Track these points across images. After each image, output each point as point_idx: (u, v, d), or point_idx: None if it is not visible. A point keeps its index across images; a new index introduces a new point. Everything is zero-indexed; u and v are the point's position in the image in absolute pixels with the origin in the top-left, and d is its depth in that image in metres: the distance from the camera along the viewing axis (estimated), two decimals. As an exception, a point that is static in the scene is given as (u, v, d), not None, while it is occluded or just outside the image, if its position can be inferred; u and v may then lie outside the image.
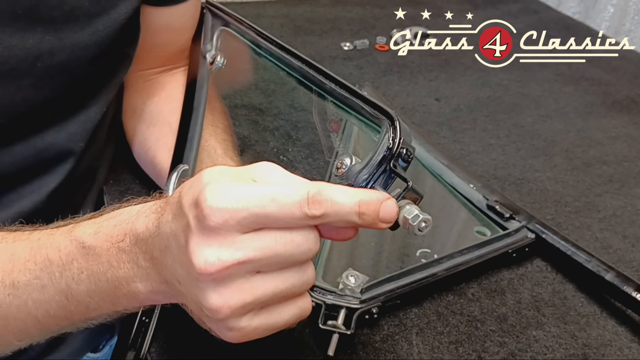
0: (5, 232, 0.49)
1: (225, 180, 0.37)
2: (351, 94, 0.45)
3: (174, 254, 0.38)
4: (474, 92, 1.07)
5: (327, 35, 1.24)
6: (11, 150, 0.58)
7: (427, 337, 0.58)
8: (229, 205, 0.36)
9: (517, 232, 0.68)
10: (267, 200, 0.36)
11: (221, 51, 0.65)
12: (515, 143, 0.92)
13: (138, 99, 0.72)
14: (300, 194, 0.36)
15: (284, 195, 0.36)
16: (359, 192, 0.38)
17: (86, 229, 0.44)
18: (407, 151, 0.38)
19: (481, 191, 0.75)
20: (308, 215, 0.36)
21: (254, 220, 0.36)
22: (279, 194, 0.36)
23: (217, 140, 0.65)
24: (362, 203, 0.37)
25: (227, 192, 0.36)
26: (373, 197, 0.38)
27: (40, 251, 0.45)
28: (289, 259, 0.38)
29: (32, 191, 0.61)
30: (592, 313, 0.63)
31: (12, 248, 0.46)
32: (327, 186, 0.37)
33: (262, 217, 0.36)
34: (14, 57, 0.52)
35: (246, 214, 0.36)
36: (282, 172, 0.39)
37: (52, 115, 0.59)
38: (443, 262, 0.63)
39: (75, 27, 0.55)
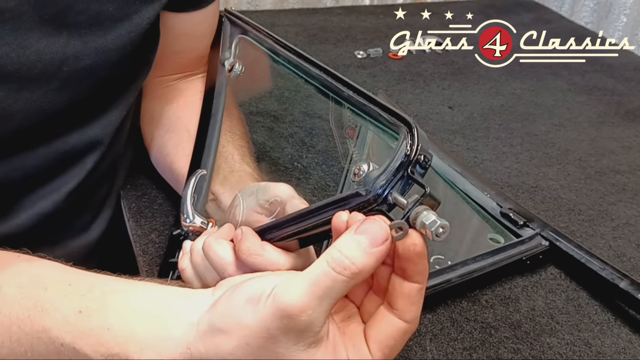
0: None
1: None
2: (369, 101, 0.45)
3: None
4: (487, 100, 1.07)
5: (341, 43, 1.25)
6: (35, 152, 0.59)
7: (440, 343, 0.58)
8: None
9: (531, 240, 0.69)
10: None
11: (239, 59, 0.66)
12: (529, 151, 0.92)
13: (156, 105, 0.73)
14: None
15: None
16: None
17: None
18: (425, 158, 0.38)
19: (495, 199, 0.75)
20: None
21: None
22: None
23: (235, 147, 0.66)
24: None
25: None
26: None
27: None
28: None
29: (52, 192, 0.63)
30: (606, 321, 0.63)
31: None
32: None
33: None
34: (41, 62, 0.53)
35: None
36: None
37: (75, 118, 0.60)
38: (457, 268, 0.64)
39: (99, 32, 0.56)
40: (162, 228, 0.69)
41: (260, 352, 0.36)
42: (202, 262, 0.50)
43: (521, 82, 1.13)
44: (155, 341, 0.38)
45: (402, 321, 0.38)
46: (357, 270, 0.35)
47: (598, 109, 1.07)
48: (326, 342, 0.36)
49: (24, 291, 0.43)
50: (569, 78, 1.16)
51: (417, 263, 0.37)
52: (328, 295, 0.35)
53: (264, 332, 0.35)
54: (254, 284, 0.37)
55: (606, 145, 0.96)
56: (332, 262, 0.35)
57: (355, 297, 0.41)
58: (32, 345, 0.41)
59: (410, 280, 0.37)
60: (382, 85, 1.09)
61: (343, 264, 0.35)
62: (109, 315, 0.40)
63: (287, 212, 0.49)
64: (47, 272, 0.45)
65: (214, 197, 0.62)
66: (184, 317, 0.39)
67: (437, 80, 1.13)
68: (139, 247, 0.67)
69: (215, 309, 0.38)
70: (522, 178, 0.85)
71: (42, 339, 0.41)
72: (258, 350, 0.36)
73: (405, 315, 0.38)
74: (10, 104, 0.53)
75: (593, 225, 0.77)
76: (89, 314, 0.40)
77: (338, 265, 0.35)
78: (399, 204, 0.38)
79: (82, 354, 0.39)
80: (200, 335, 0.37)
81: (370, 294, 0.41)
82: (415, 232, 0.37)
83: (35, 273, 0.45)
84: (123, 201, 0.74)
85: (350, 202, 0.40)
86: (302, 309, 0.34)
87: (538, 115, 1.03)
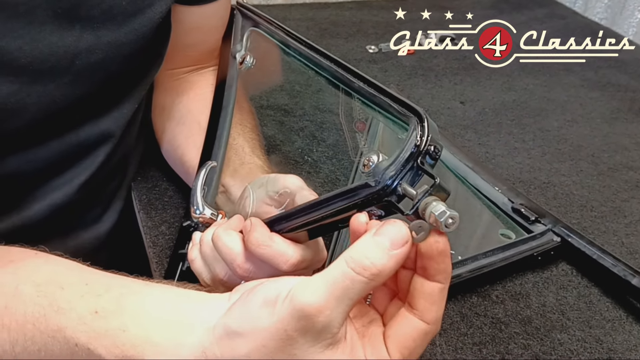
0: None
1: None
2: (379, 92, 0.45)
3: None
4: (499, 95, 1.06)
5: (353, 38, 1.25)
6: (47, 145, 0.59)
7: (450, 338, 0.58)
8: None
9: (542, 236, 0.68)
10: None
11: (250, 51, 0.66)
12: (541, 147, 0.92)
13: (167, 98, 0.73)
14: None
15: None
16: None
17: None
18: (435, 148, 0.38)
19: (506, 194, 0.75)
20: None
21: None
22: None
23: (245, 139, 0.66)
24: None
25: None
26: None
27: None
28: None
29: (65, 184, 0.63)
30: (618, 318, 0.62)
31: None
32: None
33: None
34: (54, 55, 0.53)
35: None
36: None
37: (87, 111, 0.61)
38: (467, 263, 0.63)
39: (112, 26, 0.56)
40: (172, 220, 0.70)
41: (276, 354, 0.35)
42: (211, 253, 0.50)
43: (534, 78, 1.12)
44: (170, 345, 0.38)
45: (422, 322, 0.37)
46: (377, 272, 0.35)
47: (611, 105, 1.06)
48: (344, 344, 0.36)
49: (40, 290, 0.42)
50: (582, 74, 1.15)
51: (439, 261, 0.36)
52: (346, 296, 0.35)
53: (281, 334, 0.35)
54: (270, 286, 0.37)
55: (619, 141, 0.95)
56: (352, 262, 0.35)
57: (379, 305, 0.41)
58: (46, 344, 0.41)
59: (432, 279, 0.37)
60: (393, 80, 1.08)
61: (363, 265, 0.35)
62: (125, 318, 0.40)
63: (297, 203, 0.49)
64: (64, 271, 0.45)
65: (224, 189, 0.62)
66: (200, 322, 0.38)
67: (448, 75, 1.12)
68: (149, 239, 0.67)
69: (231, 313, 0.38)
70: (534, 174, 0.85)
71: (56, 338, 0.40)
72: (275, 352, 0.35)
73: (425, 316, 0.37)
74: (23, 97, 0.54)
75: (605, 222, 0.76)
76: (104, 315, 0.40)
77: (357, 266, 0.35)
78: (409, 194, 0.37)
79: (96, 355, 0.39)
80: (216, 339, 0.37)
81: (395, 301, 0.40)
82: (438, 231, 0.36)
83: (52, 272, 0.45)
84: (134, 193, 0.75)
85: (360, 193, 0.39)
86: (320, 309, 0.34)
87: (550, 110, 1.03)
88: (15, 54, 0.51)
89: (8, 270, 0.44)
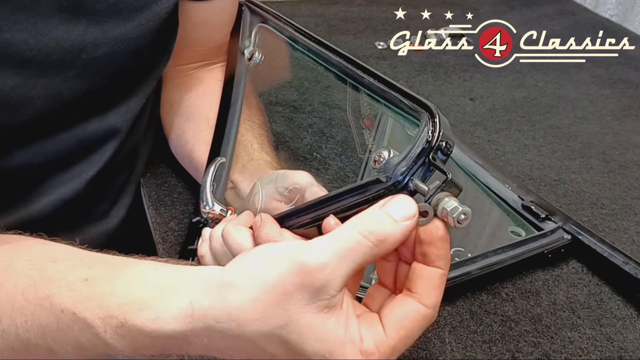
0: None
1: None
2: (389, 88, 0.45)
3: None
4: (509, 92, 1.06)
5: (362, 34, 1.25)
6: (54, 139, 0.60)
7: (460, 336, 0.58)
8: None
9: (552, 233, 0.68)
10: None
11: (259, 47, 0.66)
12: (551, 144, 0.91)
13: (176, 94, 0.73)
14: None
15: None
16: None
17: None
18: (447, 144, 0.38)
19: (516, 191, 0.74)
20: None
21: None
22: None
23: (254, 135, 0.66)
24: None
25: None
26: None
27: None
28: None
29: (72, 178, 0.63)
30: (629, 316, 0.62)
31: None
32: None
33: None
34: (60, 49, 0.53)
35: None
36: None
37: (94, 105, 0.61)
38: (477, 261, 0.63)
39: (118, 20, 0.56)
40: (181, 216, 0.70)
41: (269, 308, 0.34)
42: (221, 249, 0.50)
43: (544, 75, 1.12)
44: (156, 300, 0.37)
45: (421, 305, 0.37)
46: (383, 238, 0.35)
47: (622, 102, 1.05)
48: (339, 311, 0.36)
49: (33, 263, 0.42)
50: (592, 71, 1.14)
51: (439, 247, 0.36)
52: (349, 257, 0.34)
53: (277, 287, 0.34)
54: (271, 245, 0.37)
55: (630, 138, 0.94)
56: (359, 224, 0.35)
57: (376, 305, 0.40)
58: (32, 313, 0.40)
59: (431, 265, 0.37)
60: (402, 77, 1.08)
61: (369, 229, 0.35)
62: (116, 284, 0.39)
63: (306, 199, 0.49)
64: (58, 248, 0.44)
65: (233, 185, 0.61)
66: (193, 280, 0.37)
67: (458, 72, 1.11)
68: (158, 235, 0.67)
69: (226, 267, 0.37)
70: (544, 171, 0.84)
71: (43, 305, 0.39)
72: (268, 306, 0.34)
73: (424, 299, 0.37)
74: (29, 90, 0.54)
75: (616, 220, 0.75)
76: (95, 282, 0.39)
77: (364, 229, 0.35)
78: (420, 190, 0.37)
79: (81, 319, 0.38)
80: (206, 291, 0.36)
81: (391, 297, 0.40)
82: (438, 218, 0.36)
83: (47, 249, 0.44)
84: (143, 189, 0.75)
85: (371, 189, 0.39)
86: (321, 266, 0.34)
87: (561, 108, 1.02)
88: (20, 46, 0.51)
89: (3, 249, 0.44)
